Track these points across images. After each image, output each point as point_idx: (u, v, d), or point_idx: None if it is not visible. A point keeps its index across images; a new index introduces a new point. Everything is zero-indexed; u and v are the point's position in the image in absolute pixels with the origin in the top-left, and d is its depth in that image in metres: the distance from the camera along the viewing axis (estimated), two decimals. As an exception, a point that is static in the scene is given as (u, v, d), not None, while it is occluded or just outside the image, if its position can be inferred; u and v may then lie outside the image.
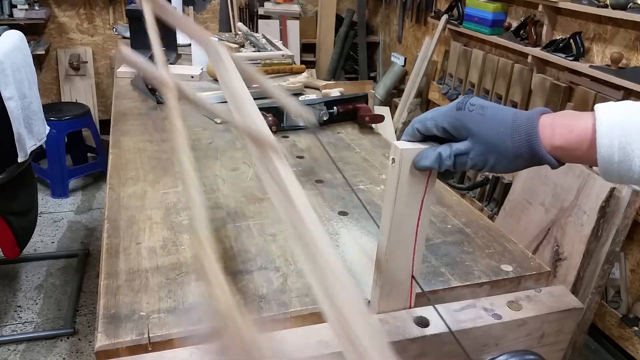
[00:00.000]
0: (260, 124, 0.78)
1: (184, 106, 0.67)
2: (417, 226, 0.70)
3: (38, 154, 2.14)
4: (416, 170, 0.65)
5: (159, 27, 1.04)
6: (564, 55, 2.37)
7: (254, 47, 2.46)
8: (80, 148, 3.54)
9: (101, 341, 0.69)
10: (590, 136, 0.56)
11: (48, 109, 3.08)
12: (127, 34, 2.49)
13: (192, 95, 0.70)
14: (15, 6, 3.49)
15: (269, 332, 0.47)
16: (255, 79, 1.04)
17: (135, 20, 2.22)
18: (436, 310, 0.75)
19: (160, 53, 0.76)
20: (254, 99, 0.85)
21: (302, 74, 2.04)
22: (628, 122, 0.54)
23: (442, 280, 0.85)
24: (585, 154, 0.57)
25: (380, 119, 1.53)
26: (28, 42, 1.96)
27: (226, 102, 1.78)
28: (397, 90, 4.02)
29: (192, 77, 1.95)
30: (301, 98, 1.67)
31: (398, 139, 0.68)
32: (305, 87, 1.86)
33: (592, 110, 0.57)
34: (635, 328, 2.00)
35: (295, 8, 4.09)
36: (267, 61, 2.15)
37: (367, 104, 1.58)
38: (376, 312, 0.77)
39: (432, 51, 3.39)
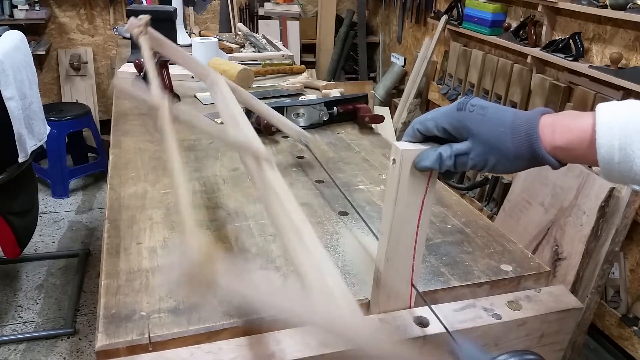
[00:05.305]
0: (253, 138, 0.87)
1: (179, 123, 0.72)
2: (418, 227, 0.70)
3: (39, 154, 2.14)
4: (417, 171, 0.65)
5: (158, 25, 1.06)
6: (563, 56, 2.38)
7: (254, 47, 2.47)
8: (80, 148, 3.54)
9: (102, 341, 0.69)
10: (590, 136, 0.55)
11: (49, 109, 3.09)
12: (127, 35, 2.50)
13: (184, 117, 0.75)
14: (16, 6, 3.49)
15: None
16: (251, 104, 1.09)
17: (136, 20, 2.22)
18: (432, 311, 0.75)
19: (156, 84, 0.80)
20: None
21: (302, 74, 2.04)
22: (628, 122, 0.53)
23: (442, 280, 0.85)
24: (585, 154, 0.57)
25: (380, 119, 1.53)
26: (28, 43, 1.96)
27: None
28: (397, 90, 4.03)
29: (193, 77, 1.95)
30: (301, 98, 1.68)
31: (398, 139, 0.68)
32: (305, 87, 1.86)
33: (593, 110, 0.57)
34: (635, 328, 2.01)
35: (295, 8, 4.10)
36: (267, 61, 2.16)
37: (367, 104, 1.58)
38: (377, 312, 0.78)
39: (431, 51, 3.39)
